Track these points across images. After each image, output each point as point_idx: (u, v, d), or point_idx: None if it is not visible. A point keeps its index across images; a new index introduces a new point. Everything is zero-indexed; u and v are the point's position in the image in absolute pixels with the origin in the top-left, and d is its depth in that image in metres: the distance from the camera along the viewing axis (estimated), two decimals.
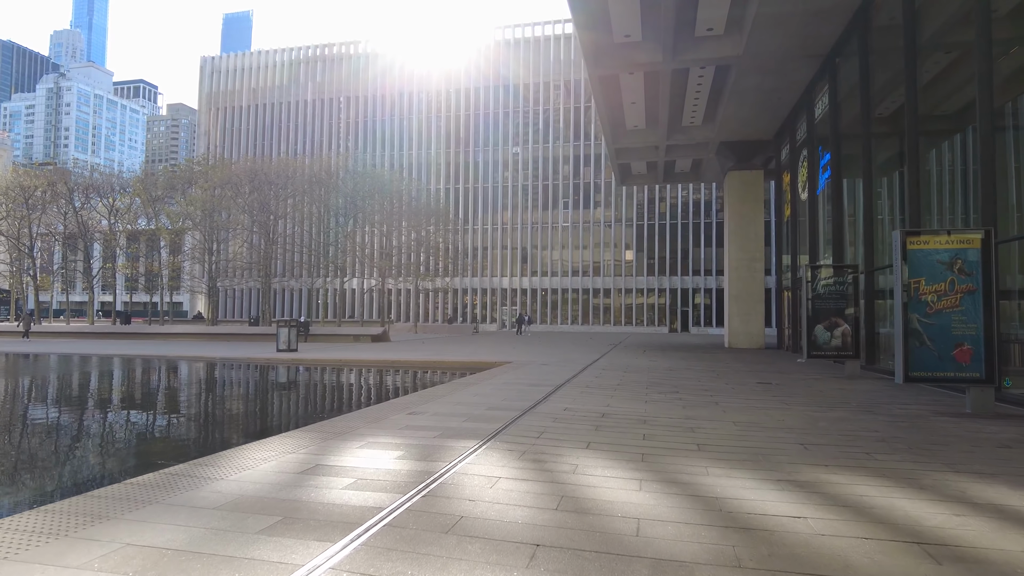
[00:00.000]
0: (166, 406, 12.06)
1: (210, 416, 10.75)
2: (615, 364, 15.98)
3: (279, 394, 13.81)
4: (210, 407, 11.89)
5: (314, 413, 10.94)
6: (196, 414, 10.93)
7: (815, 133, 20.78)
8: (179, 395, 13.94)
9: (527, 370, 13.90)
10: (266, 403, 12.55)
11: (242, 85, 67.93)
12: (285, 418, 10.65)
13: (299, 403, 12.52)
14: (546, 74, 58.46)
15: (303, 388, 14.51)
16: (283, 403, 12.62)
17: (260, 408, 11.92)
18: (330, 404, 12.42)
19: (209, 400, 12.84)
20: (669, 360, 17.87)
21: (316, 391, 14.24)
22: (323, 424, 6.76)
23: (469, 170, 59.89)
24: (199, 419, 10.45)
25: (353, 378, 15.91)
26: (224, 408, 11.89)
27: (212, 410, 11.50)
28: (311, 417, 9.89)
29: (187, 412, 11.14)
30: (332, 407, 11.83)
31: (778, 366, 16.24)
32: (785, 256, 25.77)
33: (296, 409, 11.78)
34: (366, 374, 16.33)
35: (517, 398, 9.01)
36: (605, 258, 56.37)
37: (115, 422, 10.15)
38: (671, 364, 16.30)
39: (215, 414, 11.02)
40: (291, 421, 10.15)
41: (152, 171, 42.39)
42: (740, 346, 26.82)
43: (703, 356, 20.26)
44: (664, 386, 11.06)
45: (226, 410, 11.60)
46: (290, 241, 40.72)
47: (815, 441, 6.08)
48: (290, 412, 11.38)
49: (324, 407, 12.01)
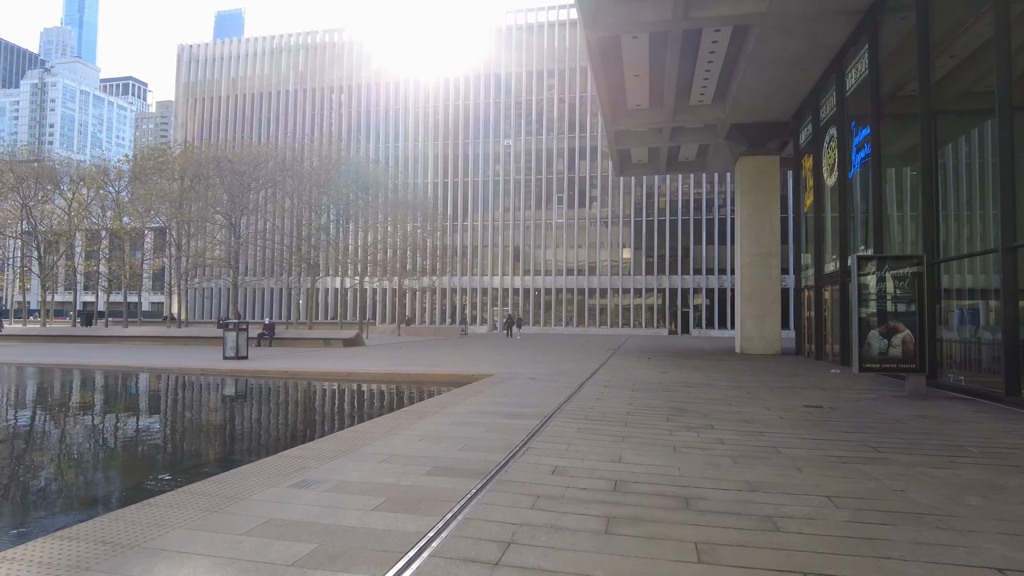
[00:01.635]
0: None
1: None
2: (619, 378, 13.12)
3: (143, 434, 9.59)
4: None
5: (149, 471, 7.23)
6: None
7: (847, 108, 18.00)
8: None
9: (509, 388, 11.01)
10: (99, 454, 8.25)
11: (221, 75, 64.77)
12: (88, 489, 6.63)
13: (152, 451, 8.47)
14: (539, 63, 55.62)
15: (190, 419, 10.69)
16: (126, 454, 8.39)
17: (69, 465, 7.51)
18: (195, 452, 8.32)
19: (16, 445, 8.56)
20: (681, 370, 15.03)
21: (202, 424, 10.15)
22: (109, 518, 3.83)
23: (459, 164, 56.98)
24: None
25: (281, 400, 12.75)
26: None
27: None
28: (131, 494, 5.94)
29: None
30: (192, 458, 7.94)
31: (812, 379, 13.42)
32: (805, 252, 23.01)
33: (132, 465, 7.63)
34: (305, 394, 13.22)
35: (483, 444, 6.14)
36: (601, 256, 53.56)
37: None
38: (686, 377, 13.46)
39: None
40: (98, 493, 6.45)
41: (107, 158, 39.02)
42: (754, 352, 24.07)
43: (718, 365, 17.44)
44: (690, 415, 8.20)
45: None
46: (262, 236, 37.60)
47: (1011, 558, 3.22)
48: (113, 475, 7.25)
49: (176, 459, 7.96)
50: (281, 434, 9.32)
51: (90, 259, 41.57)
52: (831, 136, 19.38)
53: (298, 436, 8.81)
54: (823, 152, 20.29)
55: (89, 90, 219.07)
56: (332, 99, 61.03)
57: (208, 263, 35.20)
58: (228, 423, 10.11)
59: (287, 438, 8.90)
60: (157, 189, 36.68)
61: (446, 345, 28.57)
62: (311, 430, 9.29)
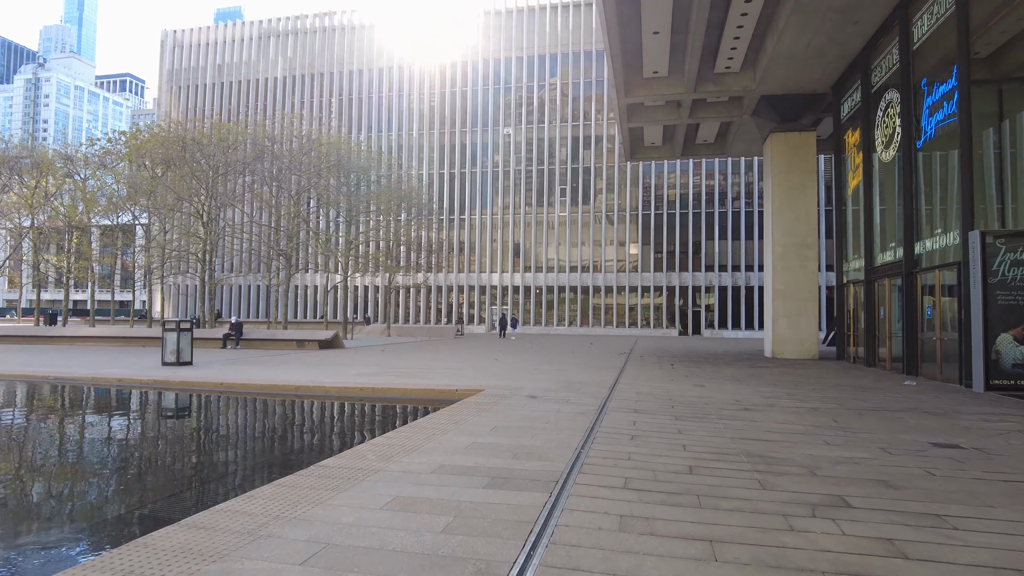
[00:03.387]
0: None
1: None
2: (648, 396, 10.02)
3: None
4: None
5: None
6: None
7: (913, 64, 14.89)
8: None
9: (501, 415, 7.91)
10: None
11: (206, 61, 61.60)
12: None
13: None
14: (541, 48, 52.46)
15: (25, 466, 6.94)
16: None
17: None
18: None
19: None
20: (720, 382, 11.92)
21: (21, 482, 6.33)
22: None
23: (456, 154, 53.83)
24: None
25: (187, 430, 9.04)
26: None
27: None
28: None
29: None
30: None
31: (894, 396, 10.31)
32: (849, 242, 19.89)
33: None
34: (230, 420, 9.70)
35: (448, 565, 3.03)
36: (606, 252, 50.40)
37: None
38: (732, 392, 10.35)
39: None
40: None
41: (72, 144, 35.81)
42: (788, 356, 20.99)
43: (758, 374, 14.32)
44: (787, 470, 5.08)
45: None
46: (239, 228, 34.37)
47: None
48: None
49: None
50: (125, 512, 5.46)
51: (60, 254, 38.36)
52: (888, 102, 16.27)
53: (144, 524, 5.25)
54: (876, 123, 17.18)
55: (84, 86, 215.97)
56: (322, 86, 57.89)
57: (174, 255, 31.99)
58: (82, 477, 6.73)
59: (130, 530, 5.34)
60: (128, 177, 33.60)
61: (438, 348, 25.47)
62: (163, 519, 5.69)
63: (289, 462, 6.99)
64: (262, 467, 7.03)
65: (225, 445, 8.04)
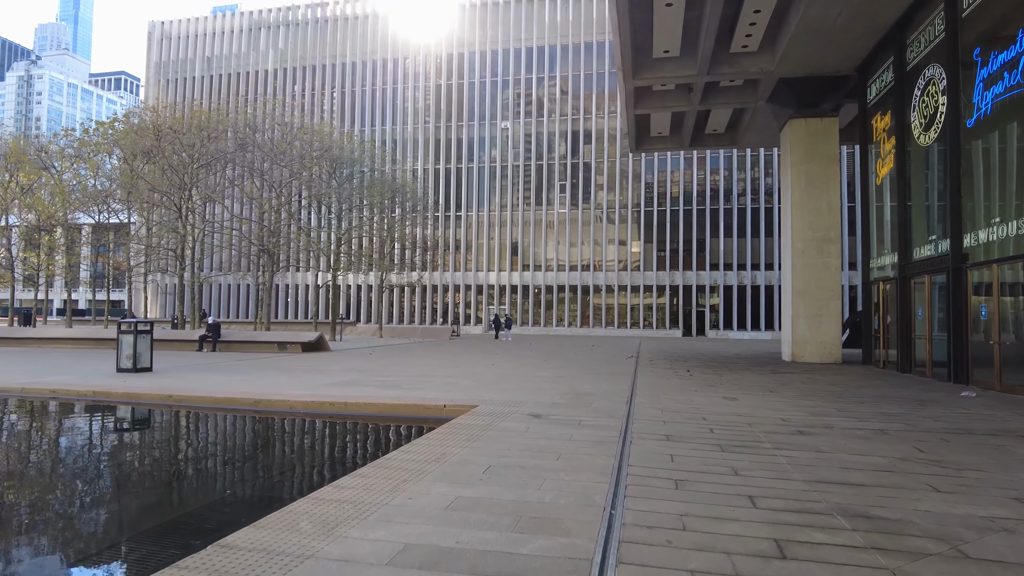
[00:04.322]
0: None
1: None
2: (675, 414, 8.35)
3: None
4: None
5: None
6: None
7: (963, 33, 13.24)
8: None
9: (499, 445, 6.22)
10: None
11: (195, 53, 59.73)
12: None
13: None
14: (540, 39, 50.71)
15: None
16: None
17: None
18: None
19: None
20: (752, 395, 10.25)
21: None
22: None
23: (452, 149, 52.07)
24: None
25: (73, 463, 7.16)
26: None
27: None
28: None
29: None
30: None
31: (959, 410, 8.63)
32: (876, 237, 18.25)
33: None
34: (146, 448, 7.91)
35: None
36: (607, 250, 48.70)
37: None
38: (772, 408, 8.68)
39: None
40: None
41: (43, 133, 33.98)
42: (808, 359, 19.36)
43: (788, 382, 12.64)
44: (907, 538, 3.38)
45: None
46: (221, 224, 32.47)
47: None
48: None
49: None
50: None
51: (28, 250, 36.46)
52: (929, 79, 14.62)
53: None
54: (912, 104, 15.53)
55: (77, 83, 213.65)
56: (314, 79, 56.09)
57: (152, 252, 30.12)
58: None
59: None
60: (103, 171, 31.83)
61: (431, 350, 23.77)
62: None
63: (186, 529, 4.94)
64: (137, 541, 4.81)
65: (105, 492, 6.15)
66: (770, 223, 45.52)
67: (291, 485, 6.28)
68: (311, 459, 7.32)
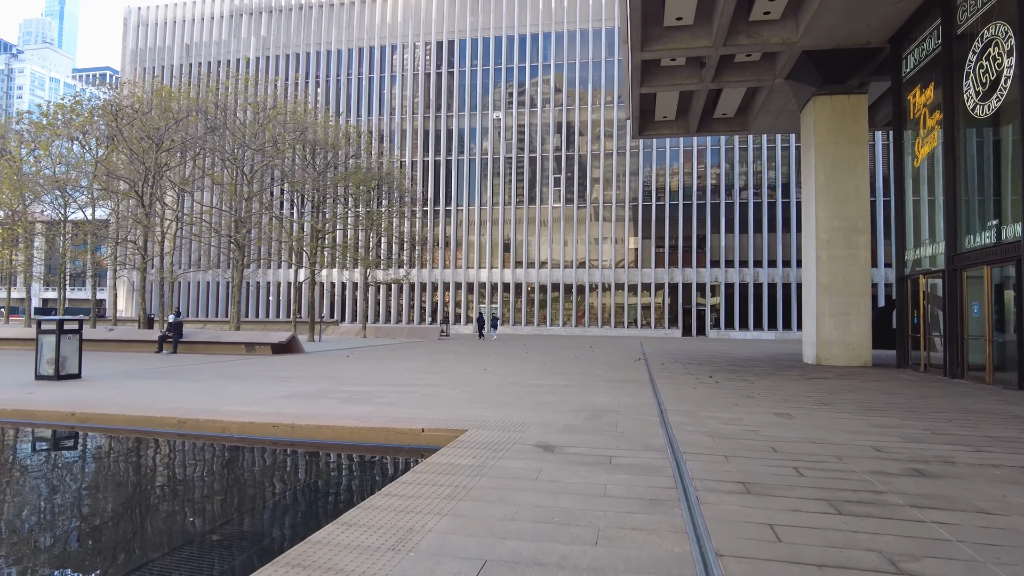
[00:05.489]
0: None
1: None
2: (732, 442, 6.32)
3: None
4: None
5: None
6: None
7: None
8: None
9: (498, 509, 4.14)
10: None
11: (173, 41, 57.11)
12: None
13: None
14: (534, 25, 48.60)
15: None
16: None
17: None
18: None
19: None
20: (805, 410, 8.22)
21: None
22: None
23: (440, 140, 49.85)
24: None
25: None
26: None
27: None
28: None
29: None
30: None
31: None
32: (912, 226, 16.33)
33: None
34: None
35: None
36: (603, 247, 46.67)
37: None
38: (853, 431, 6.65)
39: None
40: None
41: None
42: (835, 362, 17.45)
43: (836, 391, 10.63)
44: None
45: None
46: (188, 215, 29.95)
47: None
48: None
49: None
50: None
51: None
52: (989, 40, 12.68)
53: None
54: (966, 73, 13.58)
55: (59, 77, 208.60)
56: (297, 67, 53.70)
57: (113, 243, 27.70)
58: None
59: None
60: (61, 157, 29.40)
61: (416, 352, 21.65)
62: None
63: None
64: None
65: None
66: (773, 218, 43.73)
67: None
68: (207, 524, 5.05)
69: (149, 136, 24.05)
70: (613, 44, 47.38)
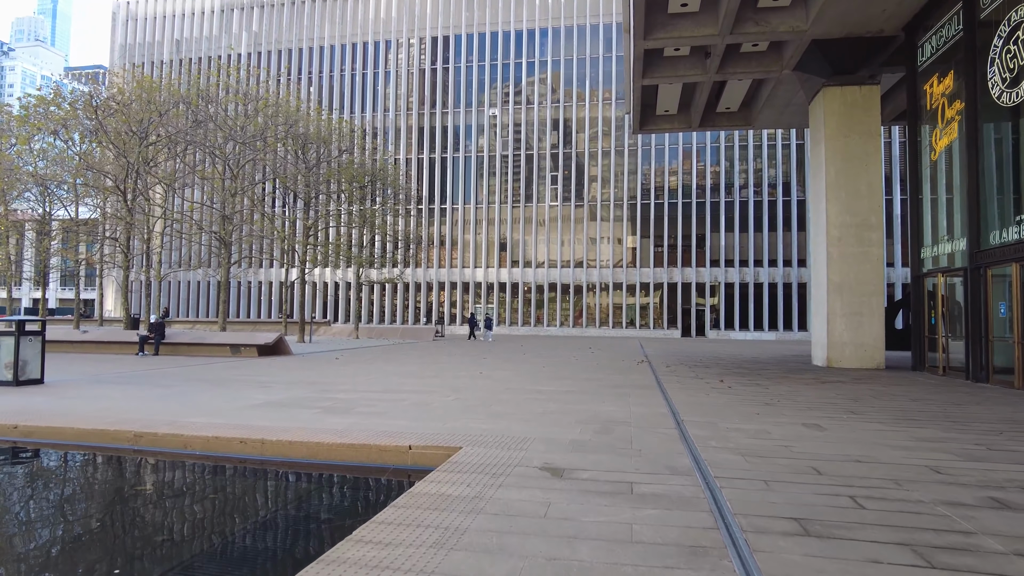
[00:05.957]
0: None
1: None
2: (767, 462, 5.52)
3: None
4: None
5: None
6: None
7: None
8: None
9: (502, 566, 3.24)
10: None
11: (163, 36, 56.04)
12: None
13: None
14: (530, 20, 47.81)
15: None
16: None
17: None
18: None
19: None
20: (836, 421, 7.43)
21: None
22: None
23: (436, 137, 48.97)
24: None
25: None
26: None
27: None
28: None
29: None
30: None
31: None
32: (920, 223, 15.59)
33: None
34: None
35: None
36: (601, 246, 45.87)
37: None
38: (899, 447, 5.85)
39: None
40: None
41: None
42: (846, 364, 16.71)
43: (858, 396, 9.84)
44: None
45: None
46: (175, 213, 28.95)
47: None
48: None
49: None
50: None
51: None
52: (1018, 24, 11.93)
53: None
54: (990, 59, 12.83)
55: (50, 75, 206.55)
56: (290, 63, 52.72)
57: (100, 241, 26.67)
58: None
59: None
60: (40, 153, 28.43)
61: (408, 354, 20.79)
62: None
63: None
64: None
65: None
66: (774, 216, 43.03)
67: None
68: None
69: (132, 129, 23.11)
70: (611, 40, 46.61)
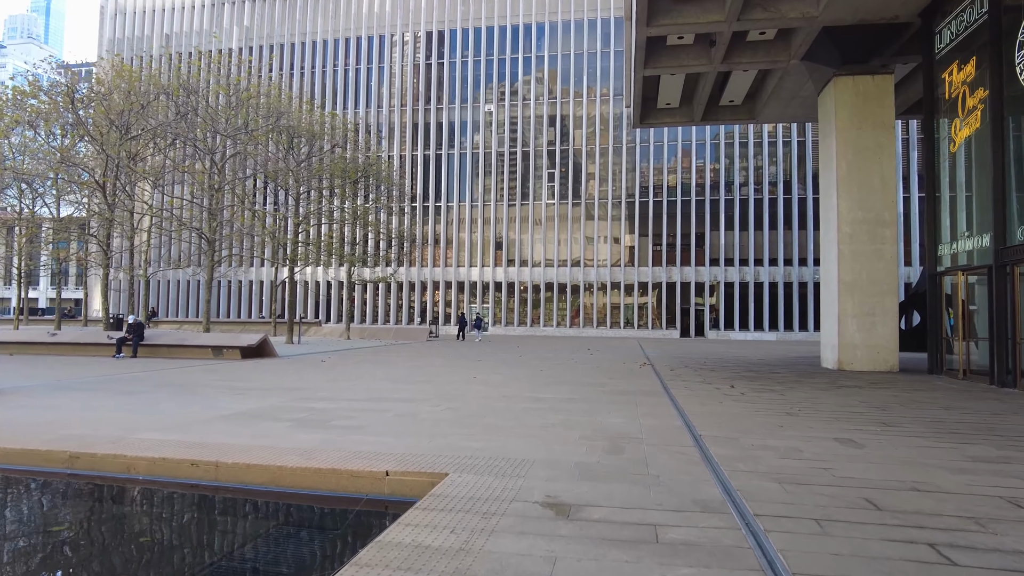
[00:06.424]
0: None
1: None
2: (806, 492, 4.72)
3: None
4: None
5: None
6: None
7: None
8: None
9: None
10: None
11: (152, 30, 54.97)
12: None
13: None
14: (527, 15, 46.93)
15: None
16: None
17: None
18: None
19: None
20: (870, 435, 6.63)
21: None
22: None
23: (430, 133, 48.07)
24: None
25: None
26: None
27: None
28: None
29: None
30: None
31: None
32: (937, 218, 14.81)
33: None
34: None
35: None
36: (599, 244, 45.07)
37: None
38: (941, 461, 5.03)
39: None
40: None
41: None
42: (858, 367, 15.94)
43: (885, 405, 9.04)
44: None
45: None
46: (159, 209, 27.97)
47: None
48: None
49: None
50: None
51: None
52: None
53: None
54: (1018, 43, 12.04)
55: (42, 73, 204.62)
56: (282, 58, 51.74)
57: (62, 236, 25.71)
58: None
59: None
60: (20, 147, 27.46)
61: (399, 356, 19.92)
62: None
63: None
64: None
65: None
66: (775, 215, 42.29)
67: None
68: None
69: (113, 122, 22.17)
70: (608, 35, 45.80)
